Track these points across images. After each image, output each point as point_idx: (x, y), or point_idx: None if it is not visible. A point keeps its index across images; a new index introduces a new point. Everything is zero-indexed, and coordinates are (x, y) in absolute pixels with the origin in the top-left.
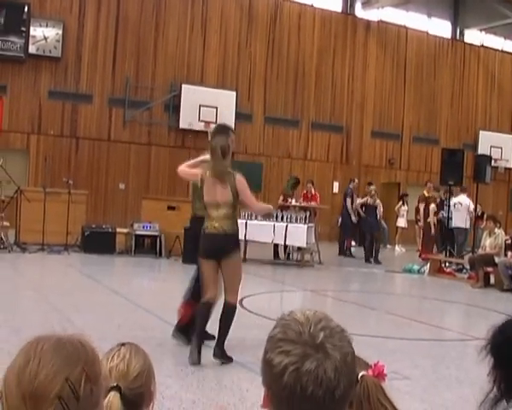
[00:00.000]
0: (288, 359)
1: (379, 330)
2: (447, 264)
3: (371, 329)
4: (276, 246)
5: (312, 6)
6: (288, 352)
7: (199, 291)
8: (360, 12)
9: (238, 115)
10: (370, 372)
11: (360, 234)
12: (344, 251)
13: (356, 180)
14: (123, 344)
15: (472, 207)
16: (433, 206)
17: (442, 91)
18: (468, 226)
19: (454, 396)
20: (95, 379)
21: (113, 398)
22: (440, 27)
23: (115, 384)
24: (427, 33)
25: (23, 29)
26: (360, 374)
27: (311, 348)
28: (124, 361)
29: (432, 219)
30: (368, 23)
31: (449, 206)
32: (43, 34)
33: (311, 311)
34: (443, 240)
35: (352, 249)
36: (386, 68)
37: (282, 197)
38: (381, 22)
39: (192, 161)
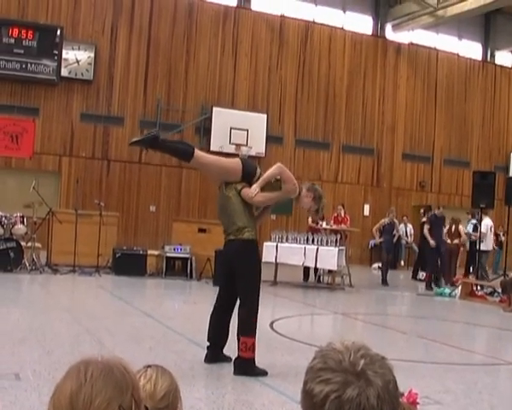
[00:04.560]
0: (329, 387)
1: (410, 354)
2: (479, 287)
3: (402, 353)
4: (306, 268)
5: (343, 29)
6: (328, 380)
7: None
8: (390, 34)
9: (269, 138)
10: (404, 399)
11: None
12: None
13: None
14: (149, 366)
15: None
16: (460, 227)
17: (473, 113)
18: None
19: None
20: (140, 404)
21: None
22: (471, 49)
23: None
24: (458, 55)
25: (55, 52)
26: None
27: (352, 375)
28: (150, 382)
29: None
30: (398, 45)
31: (480, 229)
32: (76, 57)
33: (350, 341)
34: (472, 263)
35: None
36: (417, 90)
37: (310, 219)
38: (411, 44)
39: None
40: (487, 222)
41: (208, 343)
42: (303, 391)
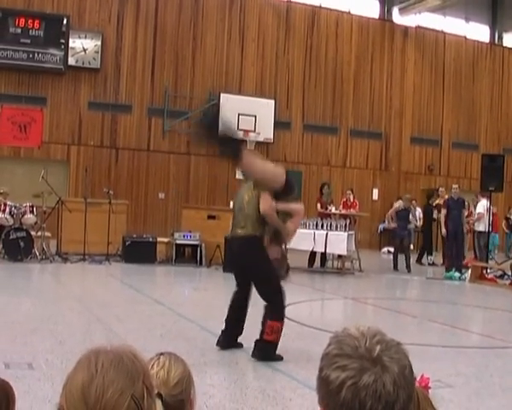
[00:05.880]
0: (345, 373)
1: (421, 337)
2: (488, 270)
3: (413, 337)
4: (312, 254)
5: (349, 13)
6: (344, 367)
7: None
8: (397, 18)
9: (277, 123)
10: (417, 384)
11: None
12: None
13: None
14: (162, 353)
15: None
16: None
17: (481, 96)
18: None
19: (498, 405)
20: (152, 391)
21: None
22: (478, 31)
23: (156, 392)
24: (465, 38)
25: (62, 41)
26: None
27: (368, 361)
28: (164, 369)
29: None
30: (405, 29)
31: (490, 212)
32: (82, 46)
33: (365, 326)
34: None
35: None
36: (425, 74)
37: (319, 205)
38: (418, 28)
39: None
40: (484, 203)
41: (224, 327)
42: (318, 378)
